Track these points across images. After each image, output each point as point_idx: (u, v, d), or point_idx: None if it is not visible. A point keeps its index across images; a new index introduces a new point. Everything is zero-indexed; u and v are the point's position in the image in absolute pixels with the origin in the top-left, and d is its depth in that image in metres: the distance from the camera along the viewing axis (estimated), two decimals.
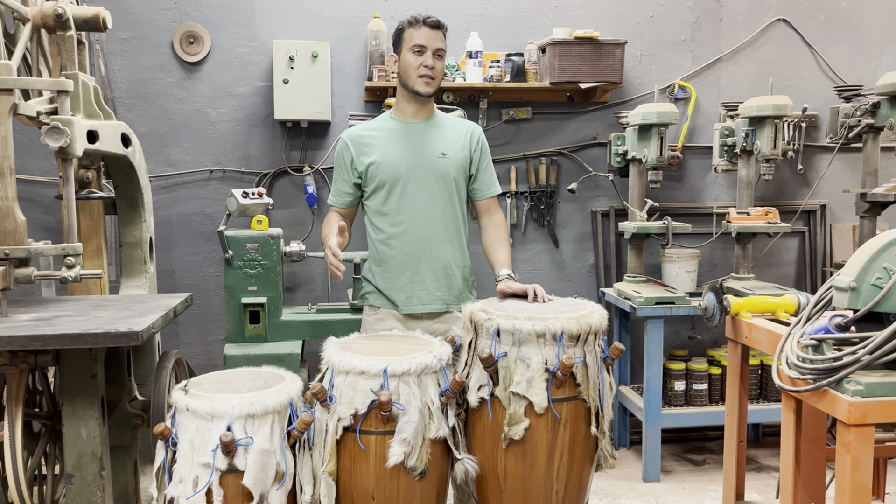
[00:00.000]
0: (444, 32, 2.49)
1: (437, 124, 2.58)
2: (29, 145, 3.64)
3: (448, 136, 2.56)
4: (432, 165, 2.50)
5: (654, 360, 3.56)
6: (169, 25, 3.78)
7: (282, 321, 3.40)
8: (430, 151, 2.51)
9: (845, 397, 1.60)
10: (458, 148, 2.55)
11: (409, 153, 2.50)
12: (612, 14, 4.07)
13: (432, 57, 2.44)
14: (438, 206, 2.51)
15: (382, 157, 2.49)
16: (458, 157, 2.54)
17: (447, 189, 2.52)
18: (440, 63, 2.48)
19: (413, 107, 2.55)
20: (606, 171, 4.09)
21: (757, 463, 3.88)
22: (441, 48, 2.47)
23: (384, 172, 2.49)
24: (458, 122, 2.63)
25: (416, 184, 2.49)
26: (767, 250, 4.24)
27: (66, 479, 2.15)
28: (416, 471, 1.97)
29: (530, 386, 2.01)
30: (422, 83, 2.46)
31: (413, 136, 2.53)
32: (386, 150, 2.50)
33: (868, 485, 1.60)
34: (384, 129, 2.56)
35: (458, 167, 2.54)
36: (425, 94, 2.48)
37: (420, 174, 2.49)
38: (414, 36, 2.45)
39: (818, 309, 1.84)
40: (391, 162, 2.49)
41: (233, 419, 1.86)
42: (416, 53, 2.45)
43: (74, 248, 2.18)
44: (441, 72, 2.50)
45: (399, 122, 2.56)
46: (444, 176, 2.51)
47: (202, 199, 3.88)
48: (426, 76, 2.45)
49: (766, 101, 3.53)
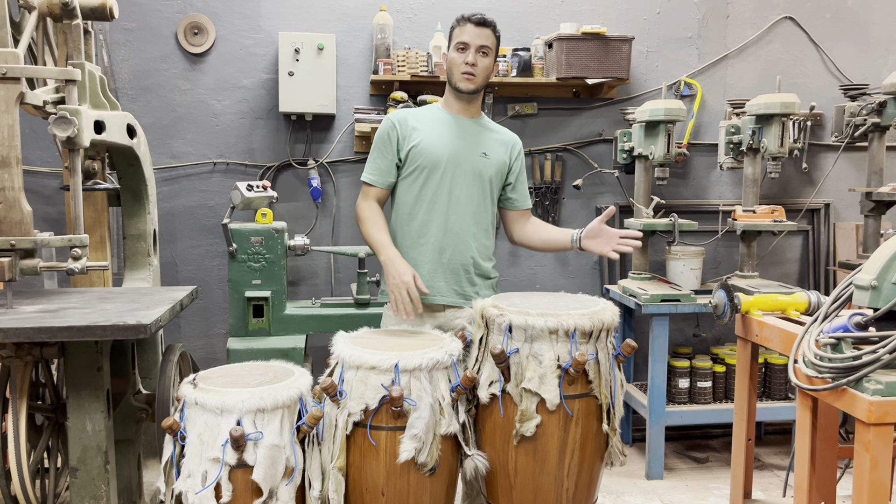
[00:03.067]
0: (491, 30, 2.47)
1: (483, 125, 2.59)
2: (31, 135, 3.60)
3: (492, 139, 2.57)
4: (473, 162, 2.50)
5: (658, 357, 3.54)
6: (173, 16, 3.74)
7: (285, 315, 3.38)
8: (473, 148, 2.51)
9: (865, 396, 1.59)
10: (499, 152, 2.55)
11: (452, 144, 2.49)
12: (618, 10, 4.05)
13: (475, 54, 2.44)
14: (473, 202, 2.50)
15: (427, 141, 2.48)
16: (498, 161, 2.54)
17: (482, 187, 2.51)
18: (484, 60, 2.46)
19: (459, 104, 2.54)
20: (612, 167, 4.07)
21: (760, 461, 3.88)
22: (485, 45, 2.45)
23: (426, 157, 2.47)
24: (502, 129, 2.65)
25: (454, 176, 2.47)
26: (771, 248, 4.24)
27: (71, 472, 2.13)
28: (426, 467, 1.96)
29: (542, 382, 1.99)
30: (463, 79, 2.46)
31: (459, 129, 2.52)
32: (431, 135, 2.49)
33: (887, 484, 1.59)
34: (431, 117, 2.55)
35: (496, 170, 2.54)
36: (465, 91, 2.47)
37: (460, 167, 2.48)
38: (459, 33, 2.46)
39: (835, 308, 1.82)
40: (435, 148, 2.47)
41: (242, 413, 1.83)
42: (460, 51, 2.45)
43: (81, 240, 2.15)
44: (485, 69, 2.48)
45: (446, 114, 2.56)
46: (483, 175, 2.51)
47: (205, 191, 3.85)
48: (467, 73, 2.45)
49: (773, 99, 3.52)
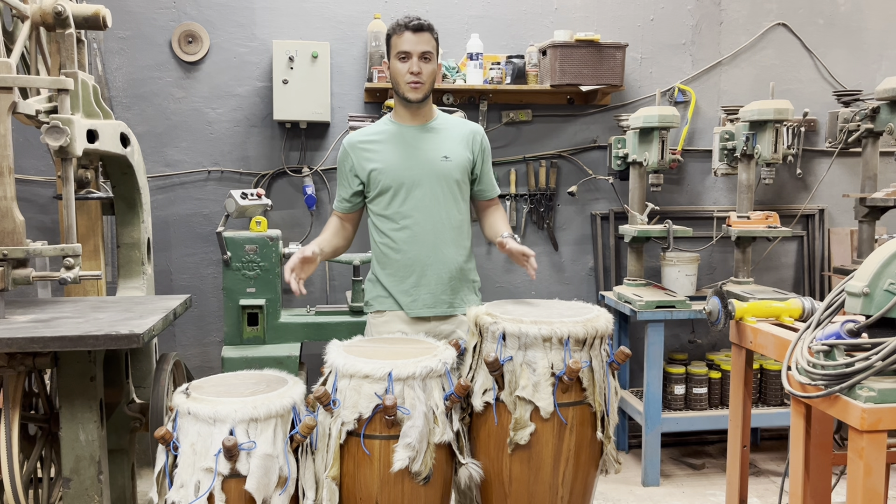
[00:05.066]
0: (430, 33, 2.43)
1: (437, 127, 2.56)
2: (25, 144, 3.60)
3: (450, 138, 2.54)
4: (436, 169, 2.48)
5: (654, 363, 3.54)
6: (167, 24, 3.75)
7: (280, 323, 3.37)
8: (433, 155, 2.50)
9: (858, 403, 1.58)
10: (459, 150, 2.53)
11: (411, 157, 2.48)
12: (612, 17, 4.06)
13: (418, 62, 2.40)
14: (443, 210, 2.49)
15: (385, 163, 2.48)
16: (460, 160, 2.52)
17: (451, 192, 2.51)
18: (428, 66, 2.43)
19: (409, 112, 2.53)
20: (606, 174, 4.07)
21: (756, 467, 3.88)
22: (427, 51, 2.42)
23: (387, 178, 2.47)
24: (460, 122, 2.61)
25: (420, 188, 2.47)
26: (766, 254, 4.24)
27: (64, 482, 2.12)
28: (420, 475, 1.95)
29: (536, 390, 1.99)
30: (410, 89, 2.44)
31: (414, 140, 2.51)
32: (388, 155, 2.49)
33: (880, 491, 1.58)
34: (384, 133, 2.54)
35: (460, 169, 2.52)
36: (415, 101, 2.46)
37: (424, 178, 2.47)
38: (398, 42, 2.42)
39: (828, 314, 1.82)
40: (394, 167, 2.47)
41: (235, 423, 1.83)
42: (402, 60, 2.42)
43: (74, 249, 2.15)
44: (430, 74, 2.45)
45: (399, 126, 2.54)
46: (448, 179, 2.50)
47: (200, 199, 3.84)
48: (412, 83, 2.42)
49: (767, 105, 3.53)
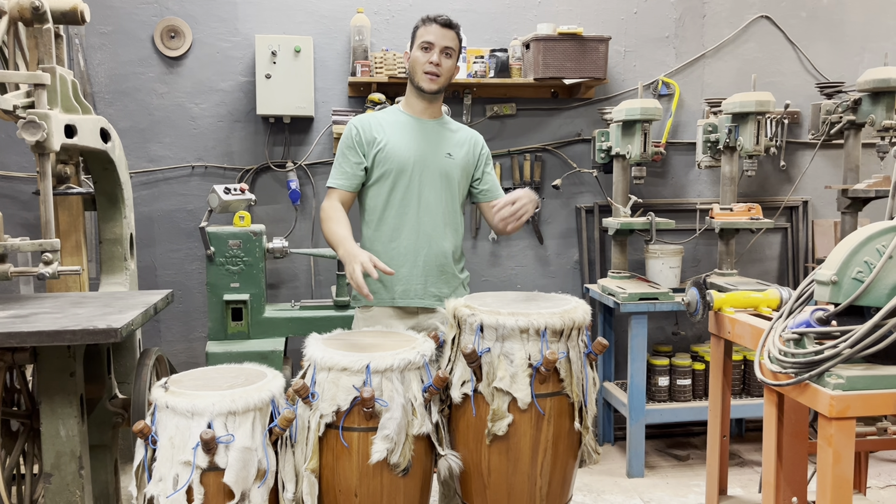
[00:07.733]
0: (456, 32, 2.49)
1: (444, 126, 2.60)
2: (7, 140, 3.58)
3: (455, 138, 2.59)
4: (439, 163, 2.52)
5: (637, 355, 3.56)
6: (149, 19, 3.73)
7: (265, 318, 3.37)
8: (438, 149, 2.53)
9: (826, 391, 1.60)
10: (462, 152, 2.58)
11: (417, 147, 2.50)
12: (595, 10, 4.07)
13: (439, 54, 2.45)
14: (441, 203, 2.52)
15: (391, 145, 2.49)
16: (462, 161, 2.57)
17: (450, 188, 2.54)
18: (448, 61, 2.48)
19: (421, 103, 2.55)
20: (591, 167, 4.09)
21: (740, 458, 3.91)
22: (449, 46, 2.47)
23: (392, 160, 2.48)
24: (463, 127, 2.67)
25: (421, 178, 2.49)
26: (750, 246, 4.27)
27: (45, 478, 2.12)
28: (399, 467, 1.96)
29: (514, 381, 2.00)
30: (426, 79, 2.47)
31: (422, 131, 2.54)
32: (395, 139, 2.50)
33: (849, 478, 1.60)
34: (393, 120, 2.56)
35: (461, 169, 2.56)
36: (428, 91, 2.48)
37: (426, 169, 2.50)
38: (423, 33, 2.47)
39: (800, 303, 1.84)
40: (399, 151, 2.48)
41: (213, 416, 1.83)
42: (424, 50, 2.46)
43: (52, 244, 2.15)
44: (449, 70, 2.50)
45: (408, 116, 2.56)
46: (449, 175, 2.53)
47: (184, 195, 3.84)
48: (431, 73, 2.46)
49: (748, 98, 3.55)
